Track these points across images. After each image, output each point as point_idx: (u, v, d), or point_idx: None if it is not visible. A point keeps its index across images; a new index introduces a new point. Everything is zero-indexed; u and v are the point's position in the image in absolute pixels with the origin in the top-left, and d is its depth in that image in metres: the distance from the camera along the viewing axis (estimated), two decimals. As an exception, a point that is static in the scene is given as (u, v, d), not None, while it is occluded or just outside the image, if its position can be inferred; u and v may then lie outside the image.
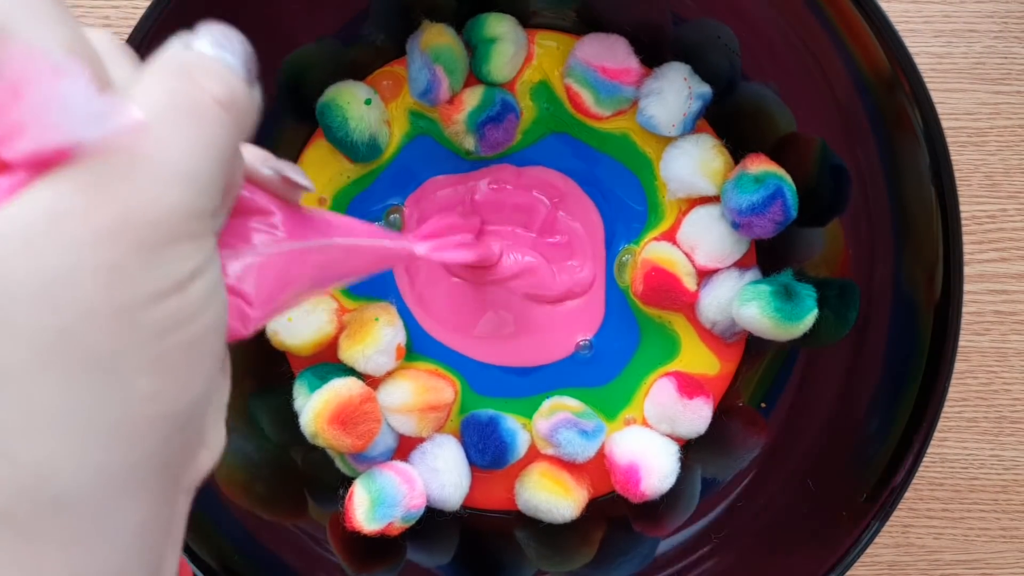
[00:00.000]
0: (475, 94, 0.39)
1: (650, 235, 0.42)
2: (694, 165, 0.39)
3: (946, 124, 0.35)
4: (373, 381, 0.40)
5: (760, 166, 0.37)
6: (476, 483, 0.41)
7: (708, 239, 0.40)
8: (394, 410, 0.39)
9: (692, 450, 0.41)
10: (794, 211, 0.37)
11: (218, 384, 0.17)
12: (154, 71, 0.16)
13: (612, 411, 0.42)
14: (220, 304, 0.16)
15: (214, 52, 0.16)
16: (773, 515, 0.37)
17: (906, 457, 0.33)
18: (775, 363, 0.40)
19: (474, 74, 0.41)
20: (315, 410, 0.37)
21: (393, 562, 0.38)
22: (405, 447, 0.40)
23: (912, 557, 0.44)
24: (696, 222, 0.40)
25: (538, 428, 0.40)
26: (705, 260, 0.40)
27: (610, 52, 0.39)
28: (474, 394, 0.42)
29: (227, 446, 0.18)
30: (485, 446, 0.39)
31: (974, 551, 0.44)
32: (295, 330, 0.39)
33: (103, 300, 0.13)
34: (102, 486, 0.14)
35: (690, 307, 0.41)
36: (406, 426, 0.39)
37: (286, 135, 0.41)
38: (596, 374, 0.42)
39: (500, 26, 0.39)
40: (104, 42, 0.16)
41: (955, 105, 0.44)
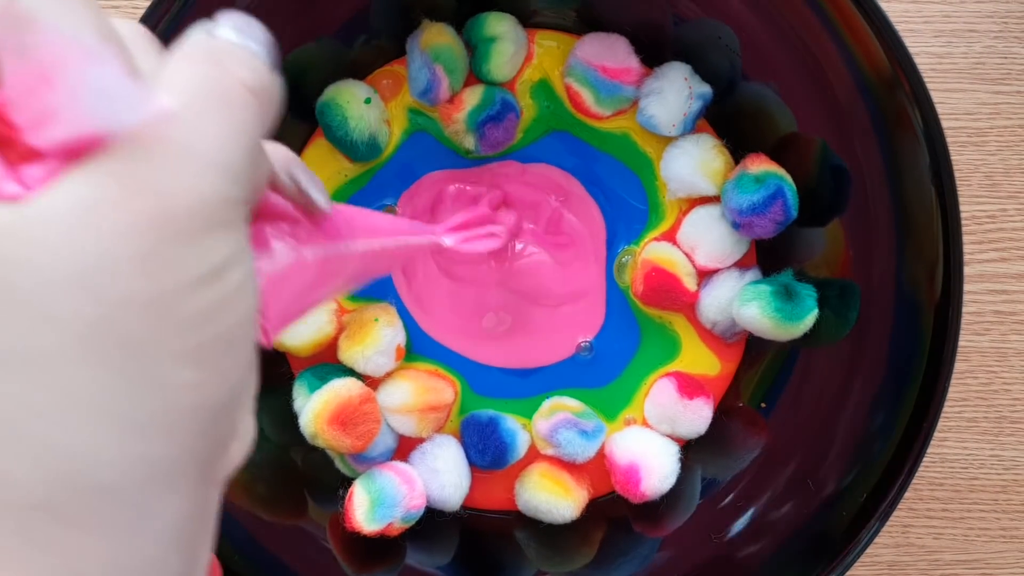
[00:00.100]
0: (475, 93, 0.39)
1: (650, 235, 0.42)
2: (694, 165, 0.39)
3: (946, 124, 0.35)
4: (373, 382, 0.40)
5: (760, 166, 0.37)
6: (476, 483, 0.41)
7: (708, 239, 0.40)
8: (394, 411, 0.39)
9: (692, 450, 0.41)
10: (794, 211, 0.37)
11: (250, 375, 0.17)
12: (181, 58, 0.15)
13: (612, 411, 0.42)
14: (253, 293, 0.16)
15: (239, 39, 0.16)
16: (773, 515, 0.37)
17: (906, 457, 0.33)
18: (775, 363, 0.40)
19: (474, 73, 0.41)
20: (315, 411, 0.37)
21: (393, 563, 0.38)
22: (405, 447, 0.40)
23: (912, 557, 0.44)
24: (696, 222, 0.40)
25: (538, 428, 0.40)
26: (705, 260, 0.40)
27: (610, 52, 0.39)
28: (474, 395, 0.42)
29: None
30: (485, 446, 0.39)
31: (974, 551, 0.44)
32: (295, 331, 0.39)
33: (141, 289, 0.13)
34: (142, 476, 0.14)
35: (690, 307, 0.41)
36: (406, 426, 0.39)
37: (286, 134, 0.41)
38: (596, 375, 0.42)
39: (500, 25, 0.39)
40: (129, 30, 0.16)
41: (955, 105, 0.44)
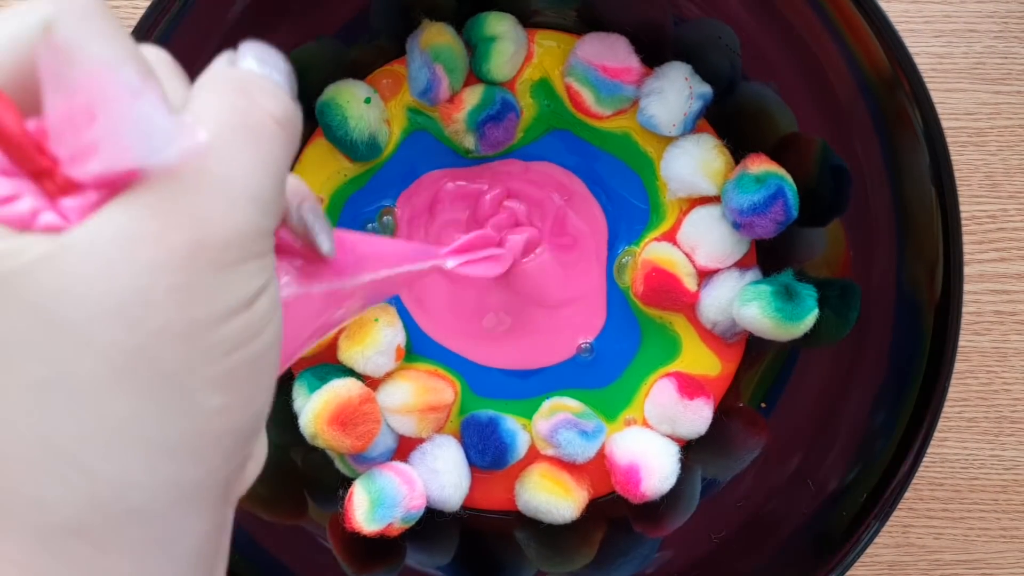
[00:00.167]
0: (475, 93, 0.39)
1: (651, 235, 0.41)
2: (695, 165, 0.39)
3: (946, 124, 0.35)
4: (373, 382, 0.40)
5: (761, 166, 0.37)
6: (476, 484, 0.41)
7: (709, 239, 0.40)
8: (394, 411, 0.39)
9: (692, 451, 0.41)
10: (795, 211, 0.37)
11: (270, 398, 0.17)
12: (208, 89, 0.16)
13: (612, 412, 0.42)
14: (279, 319, 0.16)
15: (261, 69, 0.16)
16: (773, 515, 0.37)
17: (906, 457, 0.33)
18: (775, 363, 0.40)
19: (474, 73, 0.41)
20: (314, 411, 0.37)
21: (393, 563, 0.38)
22: (405, 448, 0.40)
23: (912, 557, 0.44)
24: (697, 222, 0.40)
25: (538, 429, 0.40)
26: (706, 260, 0.40)
27: (611, 51, 0.39)
28: (474, 395, 0.42)
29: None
30: (485, 447, 0.39)
31: (974, 551, 0.44)
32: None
33: (176, 319, 0.13)
34: (172, 500, 0.14)
35: (691, 307, 0.41)
36: (406, 427, 0.39)
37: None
38: (597, 376, 0.42)
39: (500, 25, 0.39)
40: (156, 57, 0.16)
41: (955, 105, 0.44)
